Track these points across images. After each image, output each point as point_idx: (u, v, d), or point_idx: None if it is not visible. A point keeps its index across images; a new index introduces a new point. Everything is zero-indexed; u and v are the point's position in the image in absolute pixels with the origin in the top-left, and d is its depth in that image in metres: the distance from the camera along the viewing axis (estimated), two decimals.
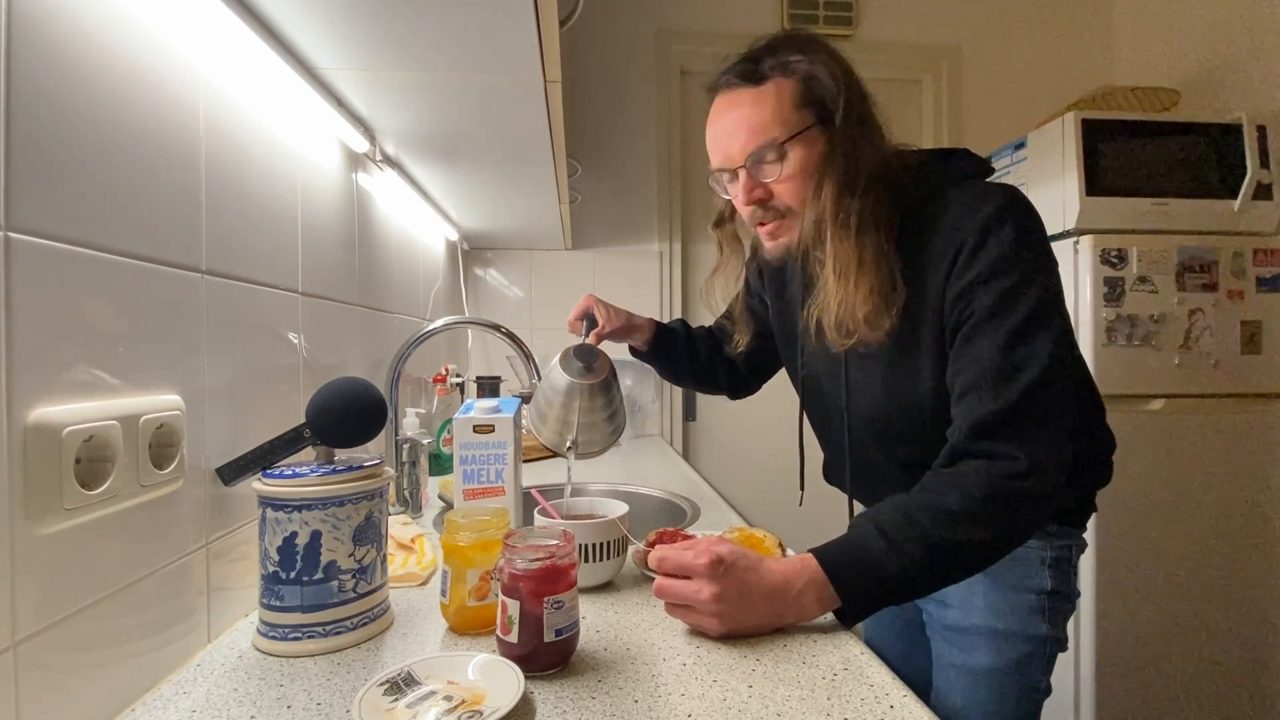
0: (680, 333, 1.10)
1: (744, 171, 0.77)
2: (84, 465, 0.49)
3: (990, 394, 0.68)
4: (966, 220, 0.72)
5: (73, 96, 0.49)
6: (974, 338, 0.70)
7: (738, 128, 0.76)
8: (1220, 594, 1.69)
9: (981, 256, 0.70)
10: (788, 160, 0.75)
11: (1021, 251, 0.70)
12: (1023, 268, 0.69)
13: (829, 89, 0.74)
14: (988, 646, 0.81)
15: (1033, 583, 0.80)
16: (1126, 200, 1.74)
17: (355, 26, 0.72)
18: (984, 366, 0.69)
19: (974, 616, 0.82)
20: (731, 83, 0.77)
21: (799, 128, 0.74)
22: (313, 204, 0.92)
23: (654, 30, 2.27)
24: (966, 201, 0.74)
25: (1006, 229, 0.70)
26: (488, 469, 0.89)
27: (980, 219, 0.71)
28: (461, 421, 0.89)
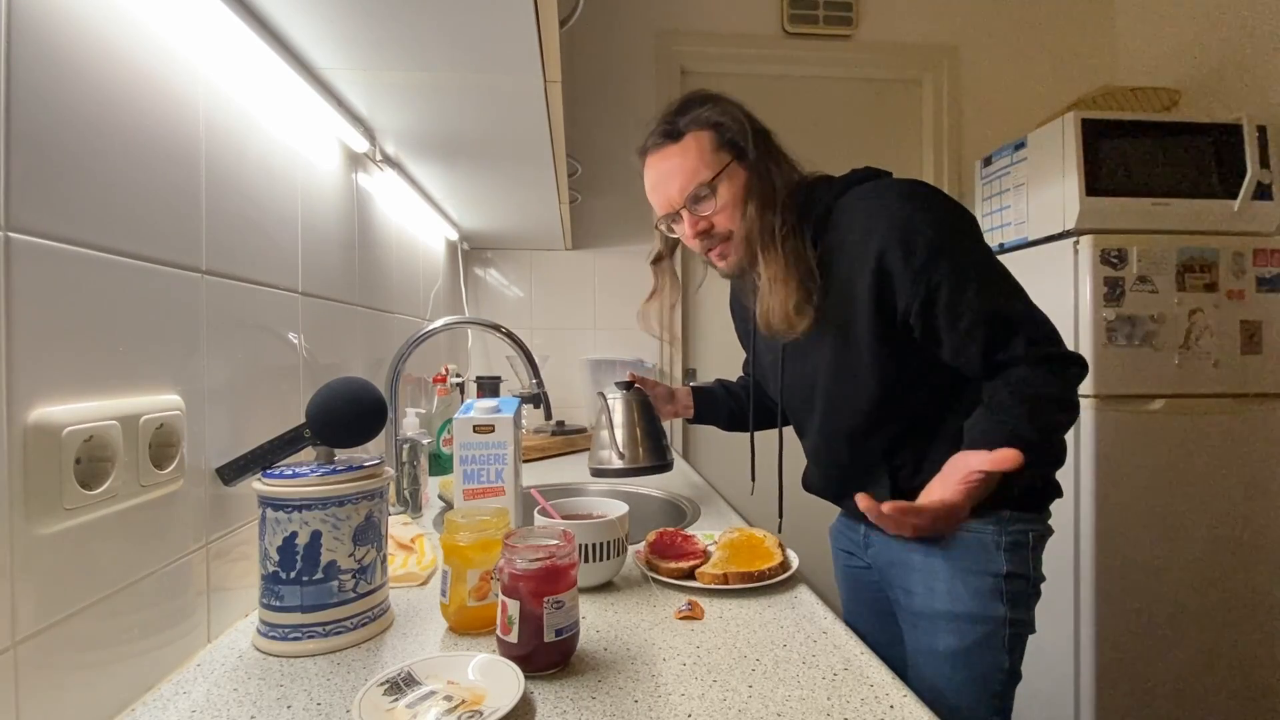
0: (717, 390, 1.25)
1: (685, 212, 0.91)
2: (84, 465, 0.49)
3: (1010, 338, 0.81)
4: (878, 217, 0.83)
5: (73, 97, 0.49)
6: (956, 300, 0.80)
7: (671, 177, 0.90)
8: (1220, 594, 1.69)
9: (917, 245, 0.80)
10: (718, 194, 0.89)
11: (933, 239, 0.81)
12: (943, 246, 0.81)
13: (736, 130, 0.88)
14: (950, 629, 0.86)
15: (989, 566, 0.85)
16: (1126, 200, 1.74)
17: (355, 26, 0.72)
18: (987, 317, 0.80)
19: (936, 602, 0.87)
20: (657, 144, 0.91)
21: (720, 166, 0.88)
22: (313, 204, 0.92)
23: (654, 30, 2.27)
24: (872, 199, 0.86)
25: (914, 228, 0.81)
26: (488, 469, 0.90)
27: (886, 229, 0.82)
28: (461, 421, 0.89)
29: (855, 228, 0.85)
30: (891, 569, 0.95)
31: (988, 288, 0.81)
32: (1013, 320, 0.81)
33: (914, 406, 0.88)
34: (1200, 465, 1.69)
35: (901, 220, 0.81)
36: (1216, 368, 1.70)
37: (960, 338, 0.81)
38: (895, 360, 0.85)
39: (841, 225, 0.86)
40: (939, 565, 0.88)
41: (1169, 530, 1.68)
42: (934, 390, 0.87)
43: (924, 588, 0.89)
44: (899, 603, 0.94)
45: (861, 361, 0.86)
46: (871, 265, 0.82)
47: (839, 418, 0.92)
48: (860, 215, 0.85)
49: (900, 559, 0.92)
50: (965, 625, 0.85)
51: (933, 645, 0.87)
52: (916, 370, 0.86)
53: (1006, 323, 0.81)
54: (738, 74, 2.29)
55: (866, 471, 0.92)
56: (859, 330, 0.85)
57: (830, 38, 2.32)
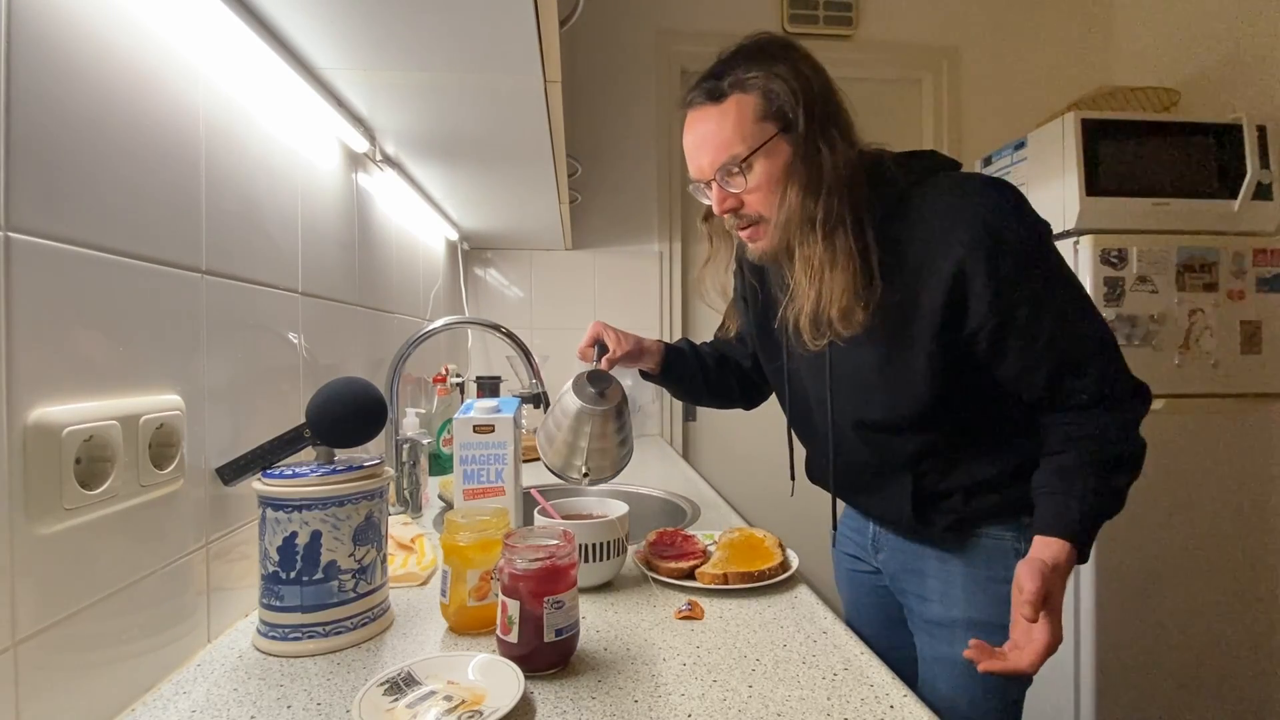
0: (688, 351, 1.11)
1: (715, 184, 0.80)
2: (84, 465, 0.49)
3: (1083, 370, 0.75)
4: (962, 219, 0.74)
5: (73, 97, 0.49)
6: (1028, 338, 0.74)
7: (704, 145, 0.79)
8: (1221, 594, 1.69)
9: (1003, 258, 0.72)
10: (753, 172, 0.77)
11: (1023, 255, 0.73)
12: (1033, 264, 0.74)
13: (787, 99, 0.76)
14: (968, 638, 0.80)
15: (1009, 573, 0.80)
16: (1126, 200, 1.74)
17: (355, 26, 0.72)
18: (1060, 346, 0.75)
19: (954, 609, 0.84)
20: (696, 100, 0.80)
21: (760, 140, 0.77)
22: (313, 204, 0.92)
23: (654, 30, 2.27)
24: (955, 196, 0.76)
25: (1005, 239, 0.73)
26: (488, 469, 0.89)
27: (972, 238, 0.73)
28: (461, 421, 0.89)
29: (933, 225, 0.75)
30: (905, 576, 0.91)
31: (1068, 313, 0.76)
32: (1088, 351, 0.76)
33: (956, 417, 0.82)
34: (1200, 465, 1.69)
35: (989, 228, 0.73)
36: (1216, 368, 1.70)
37: (1030, 362, 0.76)
38: (953, 372, 0.78)
39: (915, 218, 0.77)
40: (957, 572, 0.85)
41: (1169, 530, 1.68)
42: (980, 404, 0.82)
43: (941, 595, 0.86)
44: (912, 610, 0.91)
45: (916, 367, 0.78)
46: (949, 270, 0.74)
47: (877, 417, 0.84)
48: (940, 212, 0.76)
49: (914, 566, 0.89)
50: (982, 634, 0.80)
51: (950, 653, 0.83)
52: (970, 383, 0.80)
53: (1080, 353, 0.76)
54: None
55: (889, 472, 0.86)
56: (920, 335, 0.77)
57: (830, 38, 2.32)
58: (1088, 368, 0.76)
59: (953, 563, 0.85)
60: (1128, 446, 0.76)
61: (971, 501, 0.83)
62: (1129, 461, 0.76)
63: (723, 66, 0.80)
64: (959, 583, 0.84)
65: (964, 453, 0.83)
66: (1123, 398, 0.77)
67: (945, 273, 0.74)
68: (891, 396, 0.81)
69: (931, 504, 0.84)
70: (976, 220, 0.74)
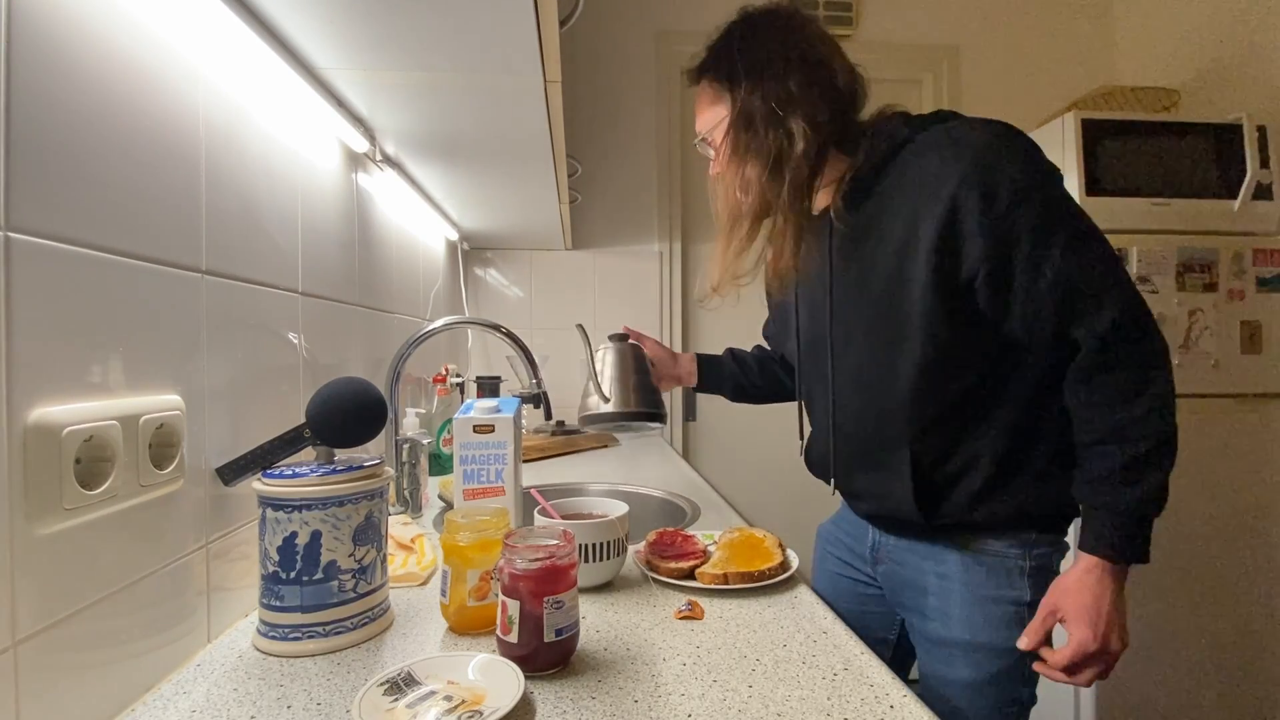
0: (726, 359, 1.16)
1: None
2: (84, 465, 0.49)
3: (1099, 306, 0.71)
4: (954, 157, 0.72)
5: (73, 96, 0.49)
6: (1038, 259, 0.70)
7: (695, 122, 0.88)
8: (1220, 594, 1.69)
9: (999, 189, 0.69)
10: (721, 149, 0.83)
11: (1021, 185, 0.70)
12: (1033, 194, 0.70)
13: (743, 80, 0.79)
14: (965, 660, 0.80)
15: (1011, 594, 0.79)
16: (1126, 200, 1.74)
17: (355, 26, 0.72)
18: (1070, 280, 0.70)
19: (952, 629, 0.81)
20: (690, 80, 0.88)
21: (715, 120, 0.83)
22: (313, 204, 0.92)
23: (654, 30, 2.27)
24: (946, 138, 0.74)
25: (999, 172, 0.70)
26: (488, 469, 0.89)
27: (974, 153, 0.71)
28: (461, 421, 0.89)
29: (922, 173, 0.74)
30: (904, 591, 0.88)
31: (1077, 246, 0.70)
32: (1103, 289, 0.70)
33: (959, 388, 0.77)
34: (1200, 465, 1.70)
35: (982, 162, 0.70)
36: (1216, 368, 1.70)
37: (1036, 301, 0.71)
38: (949, 325, 0.74)
39: (909, 166, 0.75)
40: (955, 590, 0.81)
41: (1169, 530, 1.68)
42: (984, 376, 0.77)
43: (939, 613, 0.82)
44: (913, 625, 0.88)
45: (911, 320, 0.75)
46: (942, 209, 0.71)
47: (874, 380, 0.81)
48: (933, 155, 0.73)
49: (913, 581, 0.86)
50: (982, 656, 0.79)
51: (947, 674, 0.82)
52: (971, 344, 0.75)
53: (1094, 289, 0.70)
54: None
55: (888, 449, 0.82)
56: (913, 282, 0.74)
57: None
58: (1101, 311, 0.70)
59: (952, 580, 0.81)
60: (1156, 434, 0.71)
61: (977, 508, 0.79)
62: (1158, 454, 0.71)
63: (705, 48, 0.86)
64: (957, 602, 0.81)
65: (968, 441, 0.79)
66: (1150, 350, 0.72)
67: (939, 210, 0.71)
68: (887, 357, 0.79)
69: (934, 492, 0.80)
70: (971, 153, 0.71)
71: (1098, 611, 0.72)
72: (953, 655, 0.81)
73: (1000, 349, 0.76)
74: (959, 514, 0.79)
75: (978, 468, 0.78)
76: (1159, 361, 0.72)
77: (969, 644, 0.80)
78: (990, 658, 0.79)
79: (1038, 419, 0.78)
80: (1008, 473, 0.78)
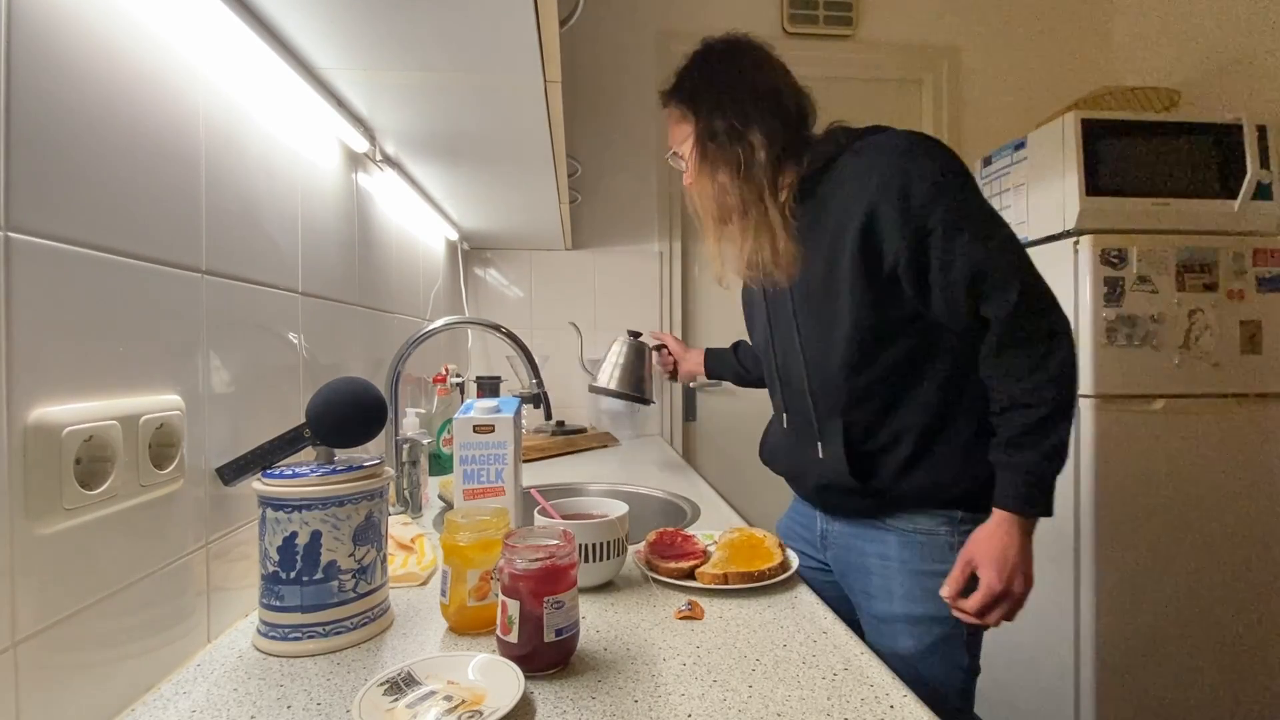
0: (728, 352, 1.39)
1: None
2: (84, 465, 0.49)
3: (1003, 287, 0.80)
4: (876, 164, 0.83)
5: (73, 97, 0.49)
6: (948, 247, 0.80)
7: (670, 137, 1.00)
8: (1221, 594, 1.69)
9: (916, 185, 0.80)
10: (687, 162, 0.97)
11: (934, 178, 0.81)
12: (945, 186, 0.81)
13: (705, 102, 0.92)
14: (908, 632, 0.88)
15: (943, 568, 0.86)
16: (1126, 200, 1.74)
17: (355, 26, 0.72)
18: (978, 265, 0.79)
19: (895, 605, 0.89)
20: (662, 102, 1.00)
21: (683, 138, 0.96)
22: (313, 204, 0.92)
23: (654, 30, 2.27)
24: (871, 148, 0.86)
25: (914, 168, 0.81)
26: (488, 469, 0.89)
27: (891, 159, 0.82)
28: (461, 421, 0.89)
29: (852, 175, 0.85)
30: (852, 573, 0.96)
31: (982, 236, 0.80)
32: (1006, 272, 0.79)
33: (888, 361, 0.86)
34: (1200, 465, 1.69)
35: (900, 165, 0.81)
36: (1216, 368, 1.70)
37: (951, 285, 0.80)
38: (875, 310, 0.84)
39: (842, 173, 0.86)
40: (894, 568, 0.89)
41: (1169, 530, 1.68)
42: (909, 353, 0.86)
43: (881, 590, 0.91)
44: (860, 606, 0.96)
45: (841, 311, 0.86)
46: (864, 209, 0.82)
47: (811, 366, 0.93)
48: (859, 163, 0.85)
49: (858, 564, 0.94)
50: (923, 627, 0.87)
51: (895, 647, 0.88)
52: (895, 324, 0.85)
53: (1000, 272, 0.79)
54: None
55: (826, 420, 0.92)
56: (842, 274, 0.85)
57: (830, 38, 2.32)
58: (1009, 284, 0.79)
59: (891, 560, 0.90)
60: (1054, 400, 0.80)
61: (904, 479, 0.87)
62: (1057, 416, 0.80)
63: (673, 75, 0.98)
64: (897, 578, 0.89)
65: (893, 405, 0.88)
66: (1051, 325, 0.81)
67: (862, 209, 0.82)
68: (822, 340, 0.90)
69: (866, 461, 0.89)
70: (888, 159, 0.82)
71: (1004, 559, 0.80)
72: (897, 629, 0.89)
73: (923, 330, 0.86)
74: (889, 482, 0.88)
75: (904, 440, 0.87)
76: (1059, 336, 0.81)
77: (911, 616, 0.88)
78: (931, 627, 0.87)
79: (959, 395, 0.87)
80: (931, 445, 0.87)
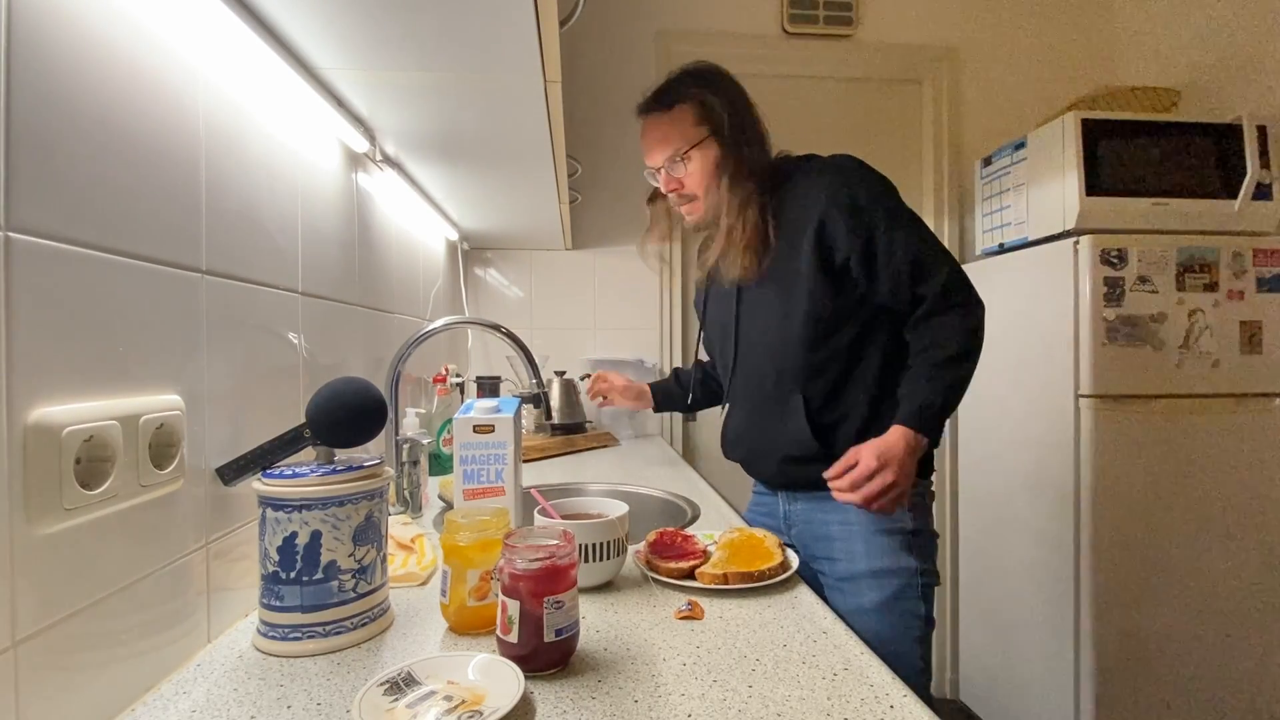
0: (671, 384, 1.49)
1: (663, 171, 1.12)
2: (84, 465, 0.49)
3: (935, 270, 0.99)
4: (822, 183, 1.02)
5: (73, 97, 0.49)
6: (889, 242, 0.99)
7: (656, 142, 1.11)
8: (1220, 594, 1.69)
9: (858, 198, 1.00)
10: (691, 162, 1.08)
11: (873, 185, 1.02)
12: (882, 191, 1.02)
13: (718, 111, 1.06)
14: (871, 584, 1.01)
15: (898, 525, 1.02)
16: (1126, 200, 1.74)
17: (355, 26, 0.72)
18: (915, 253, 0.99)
19: (857, 563, 1.02)
20: (651, 107, 1.11)
21: (696, 140, 1.07)
22: (313, 204, 0.92)
23: (654, 30, 2.27)
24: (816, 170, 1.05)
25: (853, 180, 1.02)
26: (488, 469, 0.89)
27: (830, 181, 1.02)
28: (461, 421, 0.89)
29: (804, 192, 1.03)
30: (816, 544, 1.08)
31: (913, 232, 1.00)
32: (936, 258, 1.00)
33: (835, 345, 1.03)
34: (1200, 465, 1.70)
35: (841, 183, 1.01)
36: (1216, 368, 1.70)
37: (895, 269, 0.98)
38: (828, 296, 1.01)
39: (795, 191, 1.05)
40: (855, 530, 1.03)
41: (1169, 530, 1.68)
42: (858, 333, 1.03)
43: (845, 552, 1.03)
44: (825, 573, 1.07)
45: (799, 297, 1.02)
46: (815, 218, 1.00)
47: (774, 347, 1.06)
48: (810, 182, 1.04)
49: (822, 533, 1.07)
50: (884, 579, 1.00)
51: (859, 603, 1.01)
52: (845, 309, 1.02)
53: (930, 257, 0.99)
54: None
55: (785, 396, 1.06)
56: (800, 271, 1.01)
57: (830, 38, 2.32)
58: (939, 268, 0.99)
59: (852, 524, 1.03)
60: (960, 345, 0.98)
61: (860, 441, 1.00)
62: (960, 357, 0.98)
63: (672, 82, 1.10)
64: (860, 537, 1.02)
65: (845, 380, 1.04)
66: (970, 299, 1.01)
67: (813, 220, 1.00)
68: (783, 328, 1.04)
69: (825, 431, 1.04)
70: (831, 180, 1.02)
71: (887, 451, 0.94)
72: (859, 585, 1.02)
73: (865, 318, 1.03)
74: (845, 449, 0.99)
75: (854, 413, 1.03)
76: (975, 305, 1.01)
77: (872, 570, 1.01)
78: (890, 578, 1.01)
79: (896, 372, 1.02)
80: (880, 415, 1.01)
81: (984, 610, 2.07)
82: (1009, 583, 1.92)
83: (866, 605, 1.00)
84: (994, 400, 2.01)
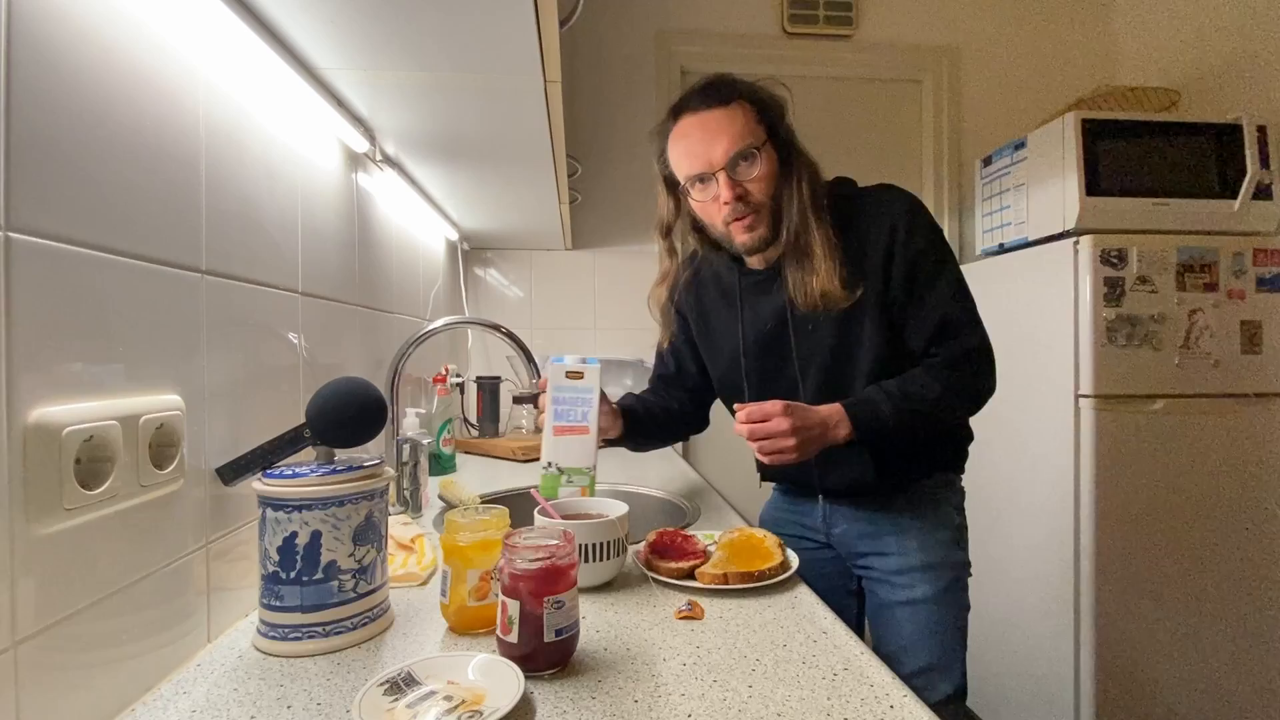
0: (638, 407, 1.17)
1: (723, 173, 0.92)
2: (84, 465, 0.49)
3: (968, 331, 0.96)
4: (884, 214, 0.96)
5: (73, 97, 0.49)
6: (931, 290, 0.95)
7: (717, 136, 0.92)
8: (1220, 594, 1.69)
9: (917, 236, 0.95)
10: (761, 162, 0.93)
11: (935, 230, 0.98)
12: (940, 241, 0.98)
13: (777, 113, 0.97)
14: (925, 578, 1.02)
15: (950, 521, 1.05)
16: (1126, 200, 1.74)
17: (355, 26, 0.72)
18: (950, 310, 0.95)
19: (911, 557, 1.02)
20: (703, 104, 0.94)
21: (764, 138, 0.94)
22: (313, 204, 0.92)
23: (654, 30, 2.27)
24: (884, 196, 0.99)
25: (921, 216, 0.97)
26: (575, 409, 1.01)
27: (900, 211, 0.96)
28: (556, 368, 1.02)
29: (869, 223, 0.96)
30: (862, 540, 1.07)
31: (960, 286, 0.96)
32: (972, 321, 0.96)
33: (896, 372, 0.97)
34: (1200, 465, 1.69)
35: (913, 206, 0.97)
36: (1216, 368, 1.70)
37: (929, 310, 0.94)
38: (892, 330, 0.96)
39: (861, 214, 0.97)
40: (909, 525, 1.03)
41: (1169, 530, 1.68)
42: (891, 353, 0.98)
43: (898, 547, 1.03)
44: (872, 567, 1.06)
45: (865, 331, 0.96)
46: (886, 227, 0.94)
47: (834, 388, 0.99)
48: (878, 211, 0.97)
49: (870, 531, 1.06)
50: (937, 573, 1.01)
51: (910, 596, 1.01)
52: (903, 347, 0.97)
53: (966, 319, 0.96)
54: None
55: None
56: (866, 302, 0.95)
57: (830, 38, 2.32)
58: (971, 333, 0.96)
59: (906, 517, 1.03)
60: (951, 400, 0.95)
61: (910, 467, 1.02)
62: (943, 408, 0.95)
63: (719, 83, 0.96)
64: (914, 533, 1.03)
65: None
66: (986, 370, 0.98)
67: (884, 231, 0.94)
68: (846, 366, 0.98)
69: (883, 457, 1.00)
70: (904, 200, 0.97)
71: (805, 427, 0.90)
72: (914, 579, 1.02)
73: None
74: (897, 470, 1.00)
75: None
76: (984, 384, 0.99)
77: (928, 564, 1.02)
78: (944, 571, 1.02)
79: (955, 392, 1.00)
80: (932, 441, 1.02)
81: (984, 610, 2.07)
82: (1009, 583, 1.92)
83: (919, 598, 1.01)
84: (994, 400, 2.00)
